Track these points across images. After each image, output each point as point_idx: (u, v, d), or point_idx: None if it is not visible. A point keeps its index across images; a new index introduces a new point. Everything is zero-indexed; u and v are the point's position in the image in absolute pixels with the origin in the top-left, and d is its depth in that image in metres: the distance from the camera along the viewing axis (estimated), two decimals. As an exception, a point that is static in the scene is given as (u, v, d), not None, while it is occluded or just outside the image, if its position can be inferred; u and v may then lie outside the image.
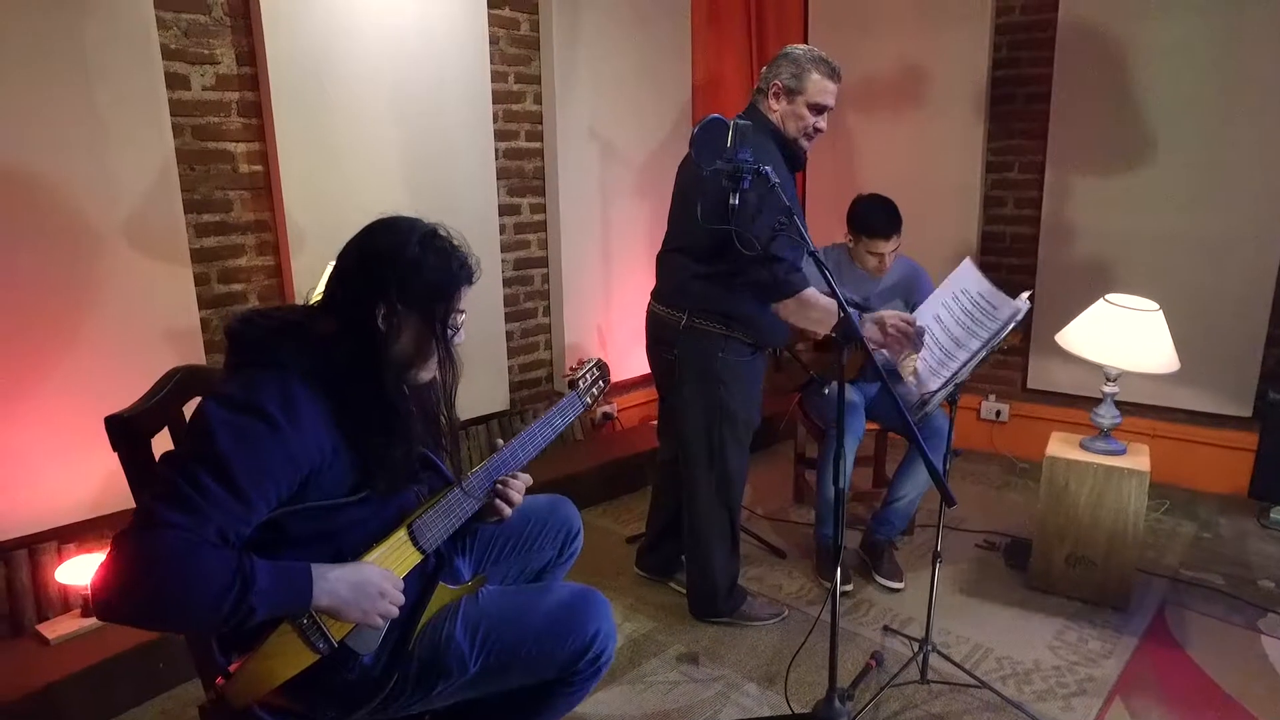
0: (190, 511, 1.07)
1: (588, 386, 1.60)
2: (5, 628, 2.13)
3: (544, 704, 1.44)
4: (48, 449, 2.14)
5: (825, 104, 2.15)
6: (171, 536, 1.06)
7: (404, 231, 1.27)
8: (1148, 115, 3.19)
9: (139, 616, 1.09)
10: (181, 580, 1.06)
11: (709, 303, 2.17)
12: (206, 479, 1.09)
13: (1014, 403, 3.72)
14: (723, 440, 2.26)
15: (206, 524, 1.08)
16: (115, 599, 1.06)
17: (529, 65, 3.21)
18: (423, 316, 1.27)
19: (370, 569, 1.23)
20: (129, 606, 1.07)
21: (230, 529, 1.11)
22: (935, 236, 3.62)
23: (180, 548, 1.06)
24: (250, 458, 1.12)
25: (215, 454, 1.11)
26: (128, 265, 2.25)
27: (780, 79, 2.14)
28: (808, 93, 2.12)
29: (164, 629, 1.14)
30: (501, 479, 1.42)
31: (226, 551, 1.10)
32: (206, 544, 1.08)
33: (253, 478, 1.12)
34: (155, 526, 1.06)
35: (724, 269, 2.13)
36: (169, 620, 1.13)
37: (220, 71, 2.43)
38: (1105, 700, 2.05)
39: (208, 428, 1.13)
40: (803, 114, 2.15)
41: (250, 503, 1.13)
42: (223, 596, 1.07)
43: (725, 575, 2.38)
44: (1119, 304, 2.38)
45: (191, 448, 1.14)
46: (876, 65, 3.81)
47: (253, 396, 1.16)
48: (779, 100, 2.15)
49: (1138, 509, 2.38)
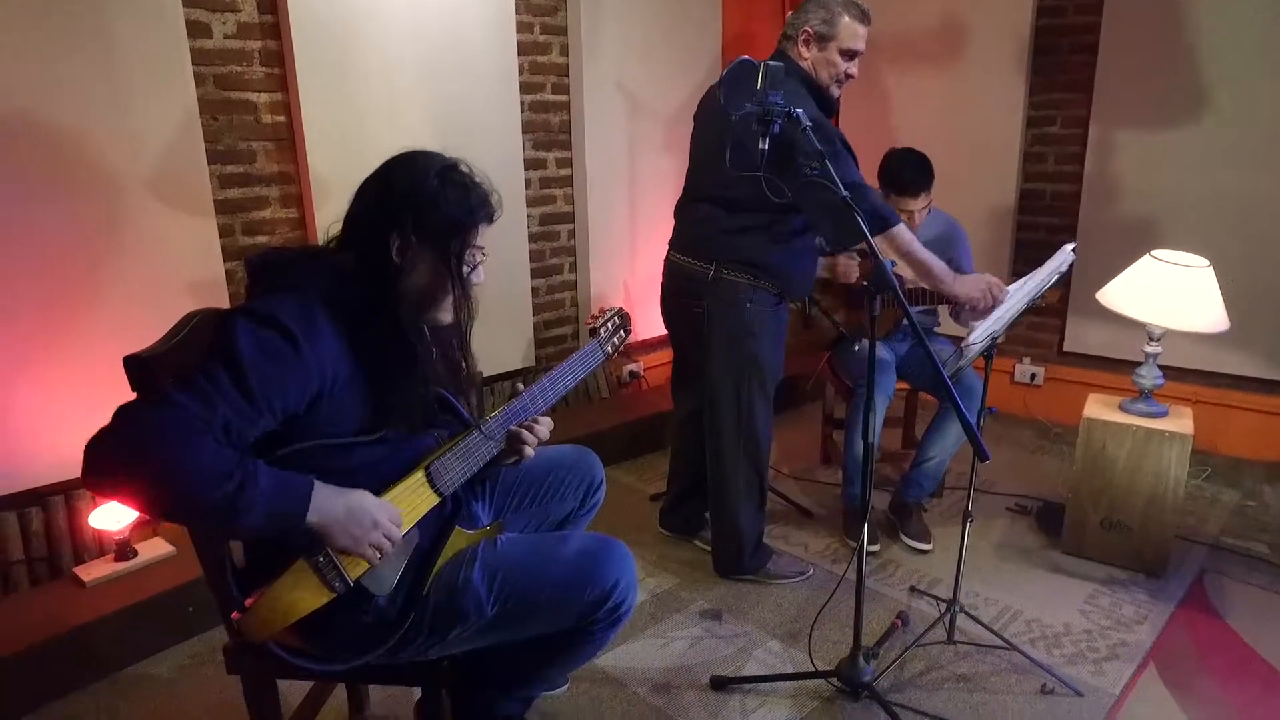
0: (201, 399, 1.07)
1: (608, 336, 1.57)
2: (44, 570, 2.18)
3: (562, 652, 1.43)
4: (78, 397, 2.16)
5: (857, 49, 2.07)
6: (179, 414, 1.05)
7: (422, 165, 1.25)
8: (1202, 67, 3.03)
9: (127, 484, 1.05)
10: (179, 455, 1.04)
11: (738, 253, 2.12)
12: (222, 376, 1.10)
13: (1049, 365, 3.62)
14: (750, 394, 2.22)
15: (214, 414, 1.08)
16: (108, 460, 1.04)
17: (555, 16, 3.14)
18: (438, 252, 1.25)
19: (369, 499, 1.20)
20: (121, 470, 1.04)
21: (235, 427, 1.10)
22: (972, 194, 3.51)
23: (185, 427, 1.05)
24: (266, 365, 1.12)
25: (234, 356, 1.11)
26: (153, 217, 2.25)
27: (811, 25, 2.06)
28: (840, 38, 2.05)
29: (151, 508, 1.09)
30: (524, 422, 1.40)
31: (230, 449, 1.09)
32: (212, 436, 1.07)
33: (265, 385, 1.12)
34: (164, 404, 1.06)
35: (761, 220, 2.08)
36: (155, 493, 1.06)
37: (241, 19, 2.40)
38: (1139, 666, 2.00)
39: (230, 334, 1.13)
40: (835, 60, 2.07)
41: (258, 407, 1.12)
42: (219, 484, 1.05)
43: (751, 532, 2.35)
44: (1166, 259, 2.28)
45: (211, 347, 1.14)
46: (913, 15, 3.66)
47: (275, 311, 1.16)
48: (809, 47, 2.08)
49: (1178, 474, 2.30)
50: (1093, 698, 1.89)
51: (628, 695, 1.91)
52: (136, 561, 2.17)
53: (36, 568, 2.18)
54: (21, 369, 2.08)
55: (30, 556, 2.16)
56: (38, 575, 2.17)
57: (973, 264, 2.76)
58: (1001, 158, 3.53)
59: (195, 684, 1.96)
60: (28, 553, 2.15)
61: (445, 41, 2.77)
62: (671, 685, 1.94)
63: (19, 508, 2.14)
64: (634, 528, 2.70)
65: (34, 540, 2.16)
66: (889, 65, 3.79)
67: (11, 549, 2.12)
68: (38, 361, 2.10)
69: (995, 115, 3.51)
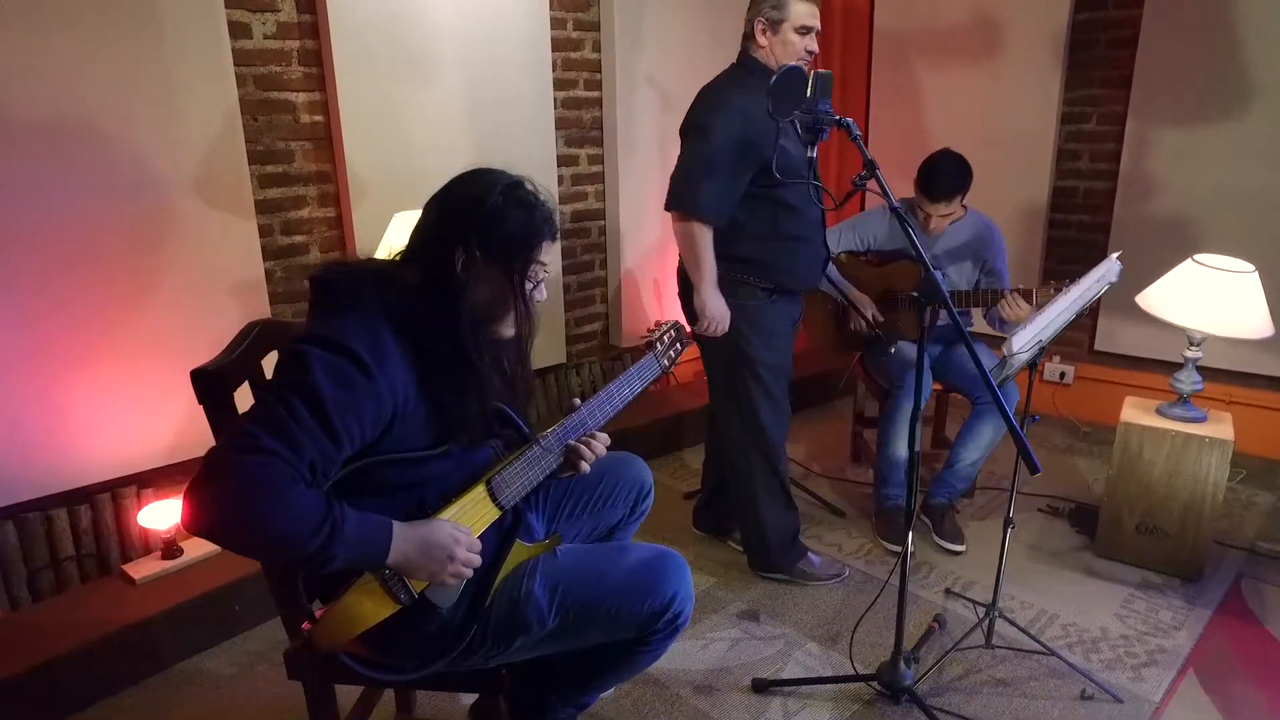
0: (288, 441, 1.08)
1: (665, 349, 1.57)
2: (93, 566, 2.23)
3: (620, 662, 1.45)
4: (125, 398, 2.20)
5: (811, 25, 2.11)
6: (274, 464, 1.06)
7: (486, 182, 1.26)
8: (1246, 62, 2.98)
9: (230, 535, 1.08)
10: (275, 510, 1.06)
11: (717, 248, 2.15)
12: (303, 412, 1.10)
13: (1080, 364, 3.60)
14: (747, 388, 2.25)
15: (302, 455, 1.09)
16: (210, 516, 1.06)
17: (588, 11, 3.12)
18: (502, 268, 1.26)
19: (442, 531, 1.22)
20: (225, 524, 1.06)
21: (320, 463, 1.12)
22: (1003, 191, 3.48)
23: (281, 479, 1.07)
24: (343, 397, 1.13)
25: (312, 389, 1.11)
26: (196, 218, 2.27)
27: (764, 14, 2.11)
28: (791, 18, 2.09)
29: (247, 552, 1.14)
30: (582, 437, 1.41)
31: (318, 493, 1.11)
32: (303, 480, 1.09)
33: (344, 416, 1.13)
34: (258, 451, 1.07)
35: (740, 214, 2.15)
36: (256, 545, 1.11)
37: (281, 19, 2.40)
38: (1178, 672, 2.01)
39: (304, 364, 1.13)
40: (791, 39, 2.11)
41: (339, 440, 1.13)
42: (312, 536, 1.08)
43: (777, 530, 2.37)
44: (1209, 264, 2.26)
45: (288, 381, 1.13)
46: (947, 8, 3.62)
47: (345, 339, 1.16)
48: (765, 35, 2.13)
49: (1218, 480, 2.30)
50: (1132, 704, 1.90)
51: (671, 696, 1.93)
52: (183, 560, 2.21)
53: (86, 564, 2.22)
54: (70, 370, 2.11)
55: (80, 553, 2.20)
56: (87, 571, 2.22)
57: (1007, 266, 2.75)
58: (1035, 154, 3.50)
59: (248, 683, 2.00)
60: (78, 549, 2.20)
61: (481, 39, 2.76)
62: (713, 687, 1.97)
63: (69, 505, 2.18)
64: (668, 526, 2.72)
65: (83, 537, 2.20)
66: (923, 60, 3.76)
67: (63, 545, 2.17)
68: (85, 362, 2.13)
69: (1029, 111, 3.47)
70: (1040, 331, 1.82)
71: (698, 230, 2.10)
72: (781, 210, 2.16)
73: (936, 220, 2.60)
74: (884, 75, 3.94)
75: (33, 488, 2.09)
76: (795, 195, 2.14)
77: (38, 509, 2.13)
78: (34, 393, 2.05)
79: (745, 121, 2.05)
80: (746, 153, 2.07)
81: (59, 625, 1.97)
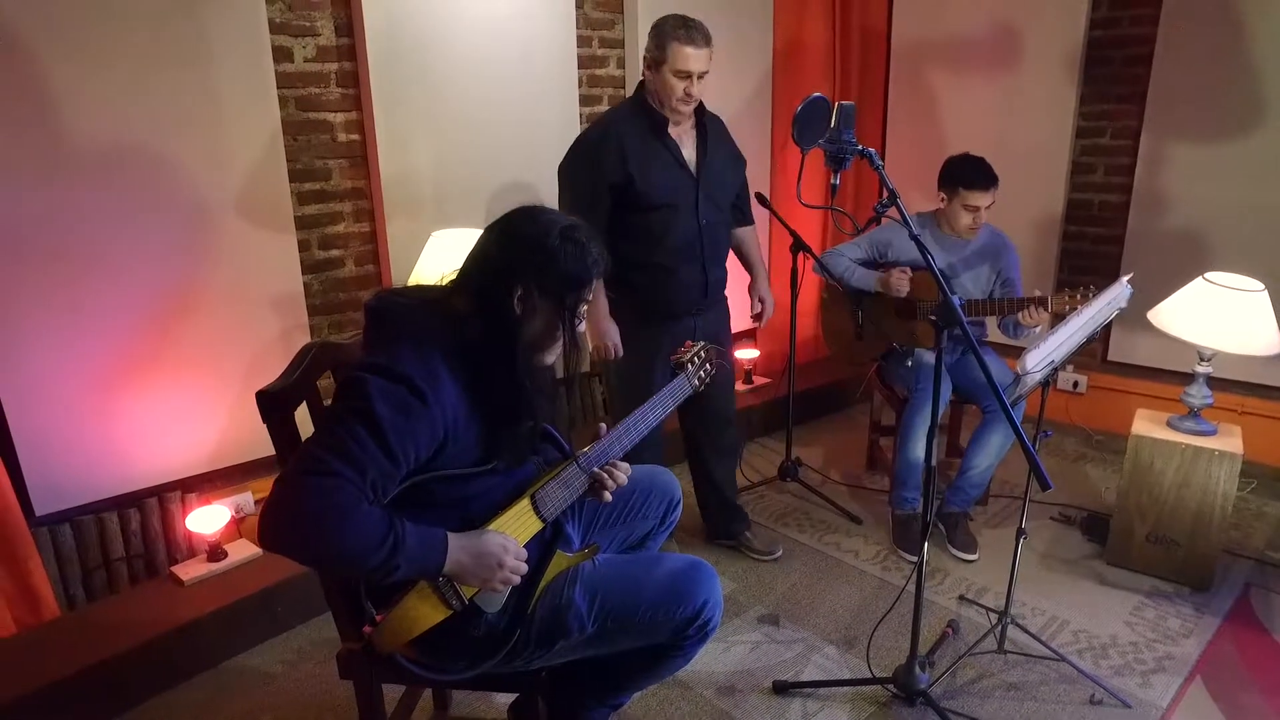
0: (353, 464, 1.17)
1: (695, 369, 1.65)
2: (141, 567, 2.33)
3: (653, 665, 1.54)
4: (171, 407, 2.31)
5: (688, 69, 2.16)
6: (342, 485, 1.16)
7: (545, 223, 1.35)
8: (1260, 81, 3.03)
9: (302, 552, 1.18)
10: (344, 528, 1.15)
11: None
12: (365, 435, 1.19)
13: (1093, 374, 3.66)
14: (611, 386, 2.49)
15: (365, 476, 1.18)
16: (285, 534, 1.15)
17: (612, 29, 3.21)
18: (555, 304, 1.34)
19: (493, 541, 1.31)
20: (300, 541, 1.16)
21: (381, 485, 1.21)
22: (1020, 202, 3.54)
23: (348, 499, 1.16)
24: (401, 422, 1.22)
25: (373, 415, 1.20)
26: (239, 234, 2.37)
27: (649, 52, 2.21)
28: (670, 61, 2.16)
29: (320, 565, 1.27)
30: (605, 466, 1.49)
31: (381, 511, 1.20)
32: (366, 499, 1.18)
33: (402, 441, 1.22)
34: (326, 474, 1.16)
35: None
36: (329, 560, 1.22)
37: (320, 43, 2.50)
38: (1185, 679, 2.08)
39: (364, 391, 1.22)
40: (669, 80, 2.18)
41: (398, 462, 1.23)
42: (378, 549, 1.18)
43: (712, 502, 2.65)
44: (1220, 283, 2.32)
45: (350, 407, 1.22)
46: (964, 23, 3.69)
47: (402, 367, 1.25)
48: (650, 71, 2.23)
49: (1227, 492, 2.36)
50: (1140, 710, 1.97)
51: (695, 697, 2.02)
52: (227, 562, 2.32)
53: (135, 565, 2.33)
54: (121, 381, 2.21)
55: (129, 554, 2.31)
56: (135, 572, 2.33)
57: (1020, 276, 2.82)
58: (1050, 167, 3.56)
59: (294, 680, 2.10)
60: (127, 551, 2.30)
61: (510, 60, 2.85)
62: (736, 689, 2.05)
63: (119, 509, 2.29)
64: (684, 536, 2.80)
65: (132, 540, 2.31)
66: (939, 75, 3.82)
67: (114, 548, 2.28)
68: (135, 374, 2.23)
69: (1045, 125, 3.54)
70: (1052, 352, 1.89)
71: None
72: (649, 236, 2.28)
73: (976, 216, 2.62)
74: (901, 90, 4.01)
75: (87, 493, 2.20)
76: (661, 221, 2.26)
77: (91, 513, 2.24)
78: (88, 404, 2.16)
79: (590, 162, 2.21)
80: (597, 184, 2.21)
81: (116, 624, 2.08)
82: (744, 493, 3.10)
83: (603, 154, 2.20)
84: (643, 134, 2.24)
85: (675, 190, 2.26)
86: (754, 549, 2.66)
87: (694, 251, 2.31)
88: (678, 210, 2.27)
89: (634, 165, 2.20)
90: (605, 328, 2.30)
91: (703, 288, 2.36)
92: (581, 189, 2.24)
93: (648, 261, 2.29)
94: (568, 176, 2.29)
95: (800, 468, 3.12)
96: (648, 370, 2.34)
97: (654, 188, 2.22)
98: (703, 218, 2.31)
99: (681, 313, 2.38)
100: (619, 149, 2.19)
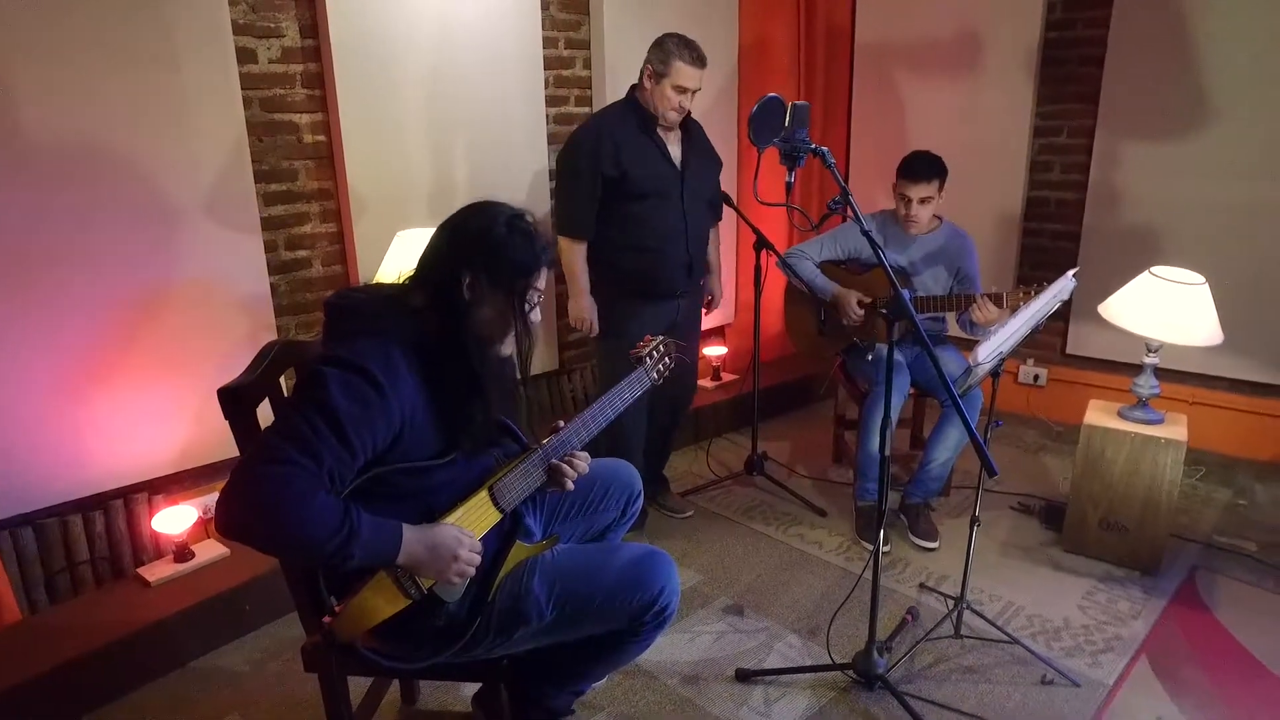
0: (309, 452, 1.20)
1: (654, 363, 1.69)
2: (107, 569, 2.33)
3: (612, 651, 1.57)
4: (137, 408, 2.30)
5: (686, 86, 2.45)
6: (299, 473, 1.18)
7: (492, 213, 1.39)
8: (1208, 81, 3.14)
9: (258, 538, 1.20)
10: (300, 515, 1.18)
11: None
12: (322, 425, 1.22)
13: (1052, 367, 3.76)
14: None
15: (322, 465, 1.21)
16: (241, 519, 1.17)
17: (578, 30, 3.24)
18: (505, 292, 1.38)
19: (448, 534, 1.34)
20: (256, 527, 1.18)
21: (338, 473, 1.24)
22: (979, 201, 3.63)
23: (305, 487, 1.19)
24: (358, 412, 1.25)
25: (329, 405, 1.23)
26: (205, 235, 2.37)
27: (651, 64, 2.47)
28: (671, 76, 2.43)
29: (275, 551, 1.29)
30: (565, 456, 1.53)
31: (337, 500, 1.23)
32: (323, 487, 1.21)
33: (359, 430, 1.25)
34: (284, 462, 1.19)
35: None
36: (283, 545, 1.25)
37: (285, 44, 2.51)
38: (1131, 658, 2.16)
39: (322, 382, 1.25)
40: (668, 93, 2.46)
41: (354, 451, 1.26)
42: (332, 537, 1.20)
43: None
44: (1164, 277, 2.41)
45: (308, 397, 1.25)
46: (926, 26, 3.77)
47: (360, 360, 1.28)
48: (650, 82, 2.48)
49: (1173, 478, 2.44)
50: (1089, 688, 2.04)
51: (659, 686, 2.06)
52: (194, 563, 2.32)
53: (100, 567, 2.32)
54: (85, 382, 2.21)
55: (95, 557, 2.30)
56: (101, 574, 2.32)
57: (979, 273, 2.89)
58: (1009, 165, 3.65)
59: (262, 678, 2.11)
60: (92, 553, 2.30)
61: (476, 61, 2.88)
62: (699, 677, 2.10)
63: (84, 511, 2.28)
64: (650, 528, 2.83)
65: (97, 542, 2.30)
66: (902, 75, 3.90)
67: (79, 550, 2.27)
68: (99, 375, 2.23)
69: (1003, 124, 3.63)
70: (1001, 344, 1.96)
71: (565, 245, 2.54)
72: (639, 221, 2.53)
73: (917, 208, 2.68)
74: (865, 89, 4.09)
75: (50, 495, 2.19)
76: (650, 208, 2.52)
77: (54, 515, 2.23)
78: (50, 405, 2.15)
79: (587, 155, 2.45)
80: (594, 176, 2.46)
81: (80, 626, 2.07)
82: (711, 487, 3.16)
83: (599, 149, 2.44)
84: (634, 132, 2.51)
85: (663, 181, 2.53)
86: (667, 507, 2.97)
87: (679, 234, 2.58)
88: (665, 199, 2.54)
89: (626, 159, 2.46)
90: (584, 304, 2.57)
91: (687, 268, 2.62)
92: (583, 179, 2.47)
93: (639, 244, 2.55)
94: (566, 169, 2.52)
95: (767, 462, 3.18)
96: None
97: (644, 179, 2.48)
98: (687, 205, 2.58)
99: (667, 292, 2.63)
100: (613, 145, 2.45)
